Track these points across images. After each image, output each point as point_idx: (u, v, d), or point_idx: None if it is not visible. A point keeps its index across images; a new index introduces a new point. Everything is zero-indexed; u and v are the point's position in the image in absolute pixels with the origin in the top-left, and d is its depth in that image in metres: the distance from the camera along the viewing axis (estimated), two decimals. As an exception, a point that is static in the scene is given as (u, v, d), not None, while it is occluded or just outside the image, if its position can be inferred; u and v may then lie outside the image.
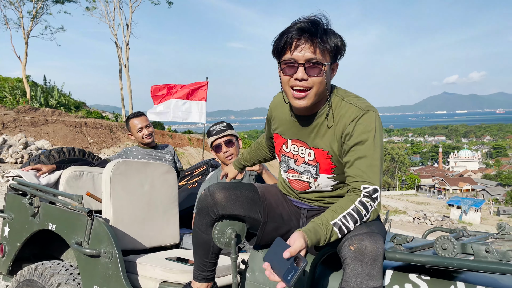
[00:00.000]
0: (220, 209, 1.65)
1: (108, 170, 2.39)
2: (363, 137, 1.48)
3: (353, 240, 1.37)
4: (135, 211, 2.47)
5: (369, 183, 1.47)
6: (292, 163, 1.72)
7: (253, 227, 1.74)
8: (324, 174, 1.63)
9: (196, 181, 3.38)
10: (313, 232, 1.37)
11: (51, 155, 3.21)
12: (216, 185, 1.70)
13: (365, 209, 1.45)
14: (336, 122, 1.55)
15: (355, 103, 1.54)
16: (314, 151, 1.63)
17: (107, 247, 2.13)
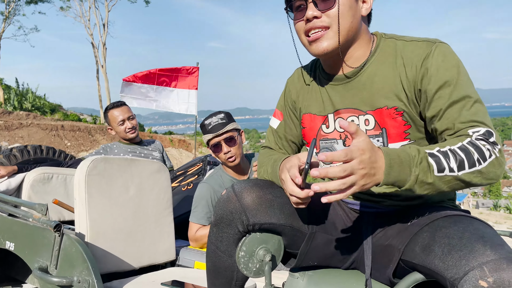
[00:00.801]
0: (251, 217, 1.13)
1: (81, 170, 1.83)
2: (449, 74, 1.06)
3: (485, 271, 0.85)
4: (119, 221, 1.91)
5: (478, 126, 1.01)
6: (340, 145, 1.24)
7: (293, 243, 1.20)
8: (396, 143, 1.15)
9: (191, 181, 2.82)
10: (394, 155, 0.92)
11: (11, 155, 2.62)
12: (245, 182, 1.18)
13: (479, 153, 0.96)
14: (399, 66, 1.13)
15: (418, 39, 1.14)
16: (373, 115, 1.17)
17: (82, 272, 1.57)
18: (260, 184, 1.17)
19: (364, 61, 1.18)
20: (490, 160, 0.97)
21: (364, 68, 1.17)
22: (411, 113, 1.13)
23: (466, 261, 0.89)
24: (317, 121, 1.28)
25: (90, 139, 16.95)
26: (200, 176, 2.86)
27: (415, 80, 1.10)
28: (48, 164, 2.60)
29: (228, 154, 2.23)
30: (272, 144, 1.41)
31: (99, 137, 17.24)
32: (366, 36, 1.19)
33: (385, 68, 1.15)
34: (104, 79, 21.18)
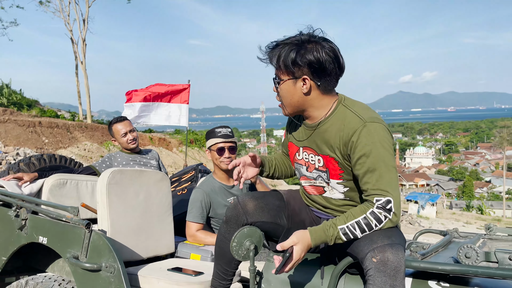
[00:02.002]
0: (249, 218, 1.72)
1: (103, 180, 2.31)
2: (367, 149, 1.53)
3: (375, 252, 1.42)
4: (132, 221, 2.40)
5: (381, 195, 1.51)
6: (304, 170, 1.80)
7: (276, 234, 1.80)
8: (334, 180, 1.69)
9: (185, 187, 3.32)
10: (318, 233, 1.50)
11: (31, 163, 3.06)
12: (246, 195, 1.77)
13: (377, 219, 1.51)
14: (340, 130, 1.61)
15: (359, 113, 1.60)
16: (322, 158, 1.70)
17: (109, 260, 2.06)
18: (256, 196, 1.76)
19: (323, 118, 1.68)
20: (385, 221, 1.53)
21: (320, 124, 1.69)
22: (343, 164, 1.64)
23: (368, 246, 1.46)
24: (294, 149, 1.85)
25: (68, 136, 16.86)
26: (193, 183, 3.35)
27: (346, 145, 1.60)
28: (61, 171, 3.05)
29: (227, 159, 2.76)
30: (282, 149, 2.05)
31: (78, 135, 17.16)
32: (320, 102, 1.66)
33: (333, 128, 1.64)
34: (84, 75, 21.03)
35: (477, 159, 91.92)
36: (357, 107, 1.64)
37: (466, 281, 1.47)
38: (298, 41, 1.60)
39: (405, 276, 1.42)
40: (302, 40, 1.60)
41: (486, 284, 1.45)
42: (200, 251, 2.60)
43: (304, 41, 1.60)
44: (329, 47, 1.59)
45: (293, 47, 1.59)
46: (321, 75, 1.61)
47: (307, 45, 1.59)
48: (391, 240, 1.46)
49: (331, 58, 1.59)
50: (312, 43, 1.59)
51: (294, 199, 1.86)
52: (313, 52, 1.57)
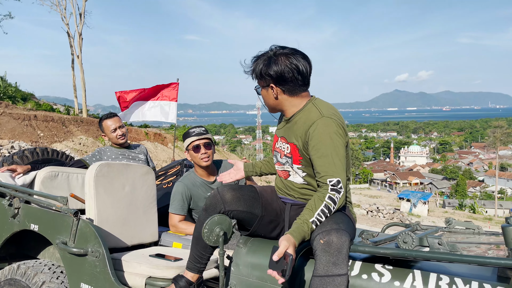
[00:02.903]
0: (227, 206, 1.92)
1: (91, 172, 2.49)
2: (320, 138, 1.81)
3: (323, 234, 1.63)
4: (117, 211, 2.59)
5: (333, 176, 1.77)
6: (278, 156, 2.05)
7: (250, 222, 2.00)
8: (295, 165, 1.95)
9: (171, 180, 3.50)
10: (297, 232, 1.67)
11: (24, 156, 3.23)
12: (225, 186, 1.98)
13: (333, 202, 1.75)
14: (304, 122, 1.90)
15: (321, 109, 1.89)
16: (290, 146, 1.97)
17: (94, 246, 2.24)
18: (234, 187, 1.97)
19: (294, 114, 1.96)
20: (338, 201, 1.77)
21: (292, 118, 1.97)
22: (302, 151, 1.91)
23: (317, 230, 1.68)
24: (275, 139, 2.12)
25: (64, 130, 16.92)
26: (178, 177, 3.54)
27: (306, 135, 1.88)
28: (53, 164, 3.22)
29: (204, 155, 2.93)
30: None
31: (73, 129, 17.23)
32: (291, 102, 1.97)
33: (301, 121, 1.93)
34: (80, 69, 21.05)
35: (470, 158, 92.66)
36: (322, 105, 1.93)
37: (407, 264, 1.67)
38: (267, 56, 1.93)
39: (348, 258, 1.62)
40: (270, 55, 1.93)
41: (423, 266, 1.65)
42: (182, 240, 2.79)
43: (271, 55, 1.92)
44: (290, 59, 1.90)
45: (263, 61, 1.92)
46: (283, 83, 1.92)
47: (274, 58, 1.90)
48: (338, 226, 1.67)
49: (290, 69, 1.89)
50: (278, 56, 1.91)
51: (266, 192, 2.10)
52: (274, 66, 1.89)
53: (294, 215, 1.99)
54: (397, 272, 1.64)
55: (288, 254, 1.57)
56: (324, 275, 1.58)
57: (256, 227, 2.00)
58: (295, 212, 2.01)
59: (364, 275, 1.68)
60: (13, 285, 2.47)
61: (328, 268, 1.59)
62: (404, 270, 1.63)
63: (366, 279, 1.66)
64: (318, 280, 1.59)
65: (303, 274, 1.81)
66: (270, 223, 2.02)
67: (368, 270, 1.69)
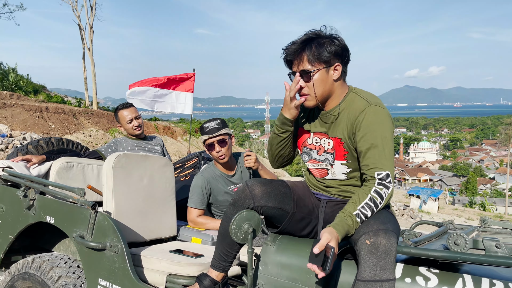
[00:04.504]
0: (256, 201, 1.79)
1: (109, 163, 2.38)
2: (370, 127, 1.69)
3: (370, 235, 1.49)
4: (135, 204, 2.48)
5: (382, 169, 1.65)
6: (314, 154, 1.91)
7: (280, 219, 1.87)
8: (339, 161, 1.82)
9: (188, 173, 3.39)
10: (340, 225, 1.54)
11: (39, 146, 3.13)
12: (255, 180, 1.84)
13: (380, 197, 1.63)
14: (349, 113, 1.77)
15: (366, 98, 1.77)
16: (332, 141, 1.83)
17: (113, 240, 2.14)
18: (264, 181, 1.83)
19: (336, 106, 1.82)
20: (386, 197, 1.64)
21: (334, 110, 1.82)
22: (349, 144, 1.78)
23: (362, 230, 1.54)
24: (305, 134, 1.96)
25: (74, 122, 16.99)
26: (195, 169, 3.42)
27: (353, 125, 1.75)
28: (69, 154, 3.12)
29: (219, 153, 2.80)
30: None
31: (84, 121, 17.30)
32: (340, 90, 1.82)
33: (344, 113, 1.79)
34: (91, 62, 21.09)
35: (481, 155, 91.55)
36: (365, 93, 1.82)
37: (455, 268, 1.53)
38: (321, 36, 1.78)
39: (395, 261, 1.49)
40: (325, 35, 1.79)
41: (474, 270, 1.51)
42: (201, 235, 2.68)
43: (327, 35, 1.79)
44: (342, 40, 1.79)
45: (322, 40, 1.76)
46: (345, 62, 1.81)
47: (335, 36, 1.78)
48: (385, 226, 1.54)
49: (348, 49, 1.80)
50: (332, 37, 1.78)
51: (298, 187, 1.97)
52: (340, 43, 1.76)
53: (330, 212, 1.87)
54: (445, 276, 1.50)
55: (329, 247, 1.46)
56: (370, 280, 1.45)
57: (287, 225, 1.87)
58: (331, 209, 1.89)
59: (408, 278, 1.54)
60: (28, 279, 2.38)
61: (375, 272, 1.45)
62: (452, 274, 1.50)
63: (410, 283, 1.53)
64: (363, 285, 1.45)
65: (337, 275, 1.69)
66: (302, 220, 1.89)
67: (412, 273, 1.55)
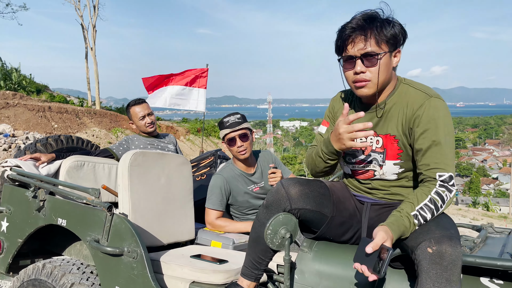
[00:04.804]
0: (293, 203, 1.61)
1: (125, 162, 2.22)
2: (432, 123, 1.50)
3: (432, 242, 1.32)
4: (153, 205, 2.32)
5: (444, 170, 1.48)
6: (359, 154, 1.71)
7: (318, 223, 1.69)
8: (390, 161, 1.63)
9: (204, 172, 3.23)
10: (396, 225, 1.38)
11: (48, 143, 2.98)
12: (291, 179, 1.66)
13: (441, 199, 1.46)
14: (403, 107, 1.58)
15: (423, 89, 1.58)
16: (382, 138, 1.64)
17: (131, 245, 1.98)
18: (301, 181, 1.64)
19: (386, 99, 1.63)
20: (447, 200, 1.47)
21: (384, 104, 1.63)
22: (404, 142, 1.60)
23: (422, 236, 1.37)
24: None
25: (77, 122, 16.92)
26: (211, 168, 3.26)
27: (409, 120, 1.56)
28: (79, 153, 2.97)
29: (240, 148, 2.64)
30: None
31: (86, 120, 17.23)
32: (393, 80, 1.64)
33: (396, 107, 1.60)
34: (93, 61, 21.02)
35: (485, 155, 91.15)
36: (418, 84, 1.63)
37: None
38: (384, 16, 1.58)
39: (461, 272, 1.32)
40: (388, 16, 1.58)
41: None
42: (221, 239, 2.52)
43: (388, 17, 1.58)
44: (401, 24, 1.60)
45: (387, 20, 1.56)
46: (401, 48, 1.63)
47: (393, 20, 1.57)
48: (449, 233, 1.37)
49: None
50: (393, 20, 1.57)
51: (337, 188, 1.80)
52: (400, 26, 1.56)
53: (375, 216, 1.69)
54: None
55: (386, 248, 1.30)
56: None
57: (325, 230, 1.69)
58: (376, 213, 1.71)
59: (469, 290, 1.38)
60: (38, 286, 2.22)
61: (440, 285, 1.28)
62: (521, 286, 1.34)
63: (471, 295, 1.37)
64: None
65: (383, 286, 1.52)
66: (342, 225, 1.71)
67: (474, 284, 1.39)
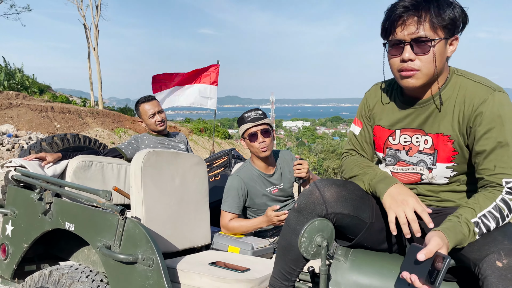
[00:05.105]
0: (329, 207, 1.41)
1: (138, 162, 2.06)
2: (498, 121, 1.30)
3: (501, 255, 1.15)
4: (167, 208, 2.16)
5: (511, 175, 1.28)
6: (403, 155, 1.52)
7: (354, 229, 1.50)
8: (443, 163, 1.43)
9: (218, 173, 3.07)
10: (453, 232, 1.20)
11: (53, 142, 2.83)
12: (325, 180, 1.46)
13: (508, 208, 1.27)
14: (460, 103, 1.37)
15: (483, 82, 1.38)
16: (432, 138, 1.44)
17: (146, 252, 1.82)
18: (337, 182, 1.46)
19: (437, 92, 1.42)
20: None
21: (435, 98, 1.42)
22: (460, 143, 1.40)
23: (488, 247, 1.19)
24: (385, 133, 1.56)
25: (80, 122, 16.86)
26: (226, 169, 3.10)
27: (469, 118, 1.36)
28: (86, 152, 2.81)
29: (262, 144, 2.49)
30: (356, 146, 1.67)
31: (89, 120, 17.16)
32: (445, 71, 1.42)
33: (451, 102, 1.40)
34: (96, 61, 20.99)
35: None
36: (475, 76, 1.41)
37: None
38: None
39: None
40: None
41: None
42: (239, 243, 2.36)
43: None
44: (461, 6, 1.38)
45: (449, 1, 1.34)
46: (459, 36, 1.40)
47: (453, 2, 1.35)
48: None
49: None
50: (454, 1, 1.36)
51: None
52: (461, 8, 1.34)
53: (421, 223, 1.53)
54: None
55: (441, 256, 1.13)
56: None
57: (363, 237, 1.51)
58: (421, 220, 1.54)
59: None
60: (45, 295, 2.07)
61: None
62: None
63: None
64: None
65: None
66: (381, 232, 1.53)
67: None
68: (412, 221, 1.32)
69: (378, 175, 1.48)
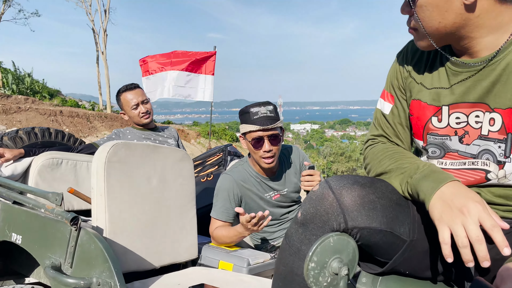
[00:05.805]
0: (351, 220, 0.93)
1: (100, 157, 1.61)
2: None
3: None
4: (140, 215, 1.71)
5: None
6: (454, 143, 1.03)
7: (386, 249, 1.00)
8: None
9: (211, 172, 2.62)
10: None
11: (18, 137, 2.40)
12: (344, 177, 0.96)
13: None
14: None
15: None
16: (502, 115, 0.95)
17: (103, 273, 1.37)
18: (361, 181, 0.96)
19: (500, 48, 0.94)
20: None
21: (499, 57, 0.94)
22: None
23: None
24: (427, 111, 1.07)
25: (88, 126, 16.82)
26: (220, 167, 2.65)
27: None
28: (57, 149, 2.39)
29: (268, 154, 1.99)
30: (386, 131, 1.19)
31: (97, 124, 17.11)
32: (497, 19, 0.93)
33: None
34: (104, 66, 21.00)
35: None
36: None
37: None
38: None
39: None
40: None
41: None
42: (232, 258, 1.90)
43: None
44: None
45: None
46: None
47: None
48: None
49: None
50: None
51: None
52: None
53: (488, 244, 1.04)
54: None
55: None
56: None
57: (399, 261, 1.01)
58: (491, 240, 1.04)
59: None
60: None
61: None
62: None
63: None
64: None
65: None
66: (425, 254, 1.02)
67: None
68: (477, 242, 0.84)
69: (422, 170, 0.98)
